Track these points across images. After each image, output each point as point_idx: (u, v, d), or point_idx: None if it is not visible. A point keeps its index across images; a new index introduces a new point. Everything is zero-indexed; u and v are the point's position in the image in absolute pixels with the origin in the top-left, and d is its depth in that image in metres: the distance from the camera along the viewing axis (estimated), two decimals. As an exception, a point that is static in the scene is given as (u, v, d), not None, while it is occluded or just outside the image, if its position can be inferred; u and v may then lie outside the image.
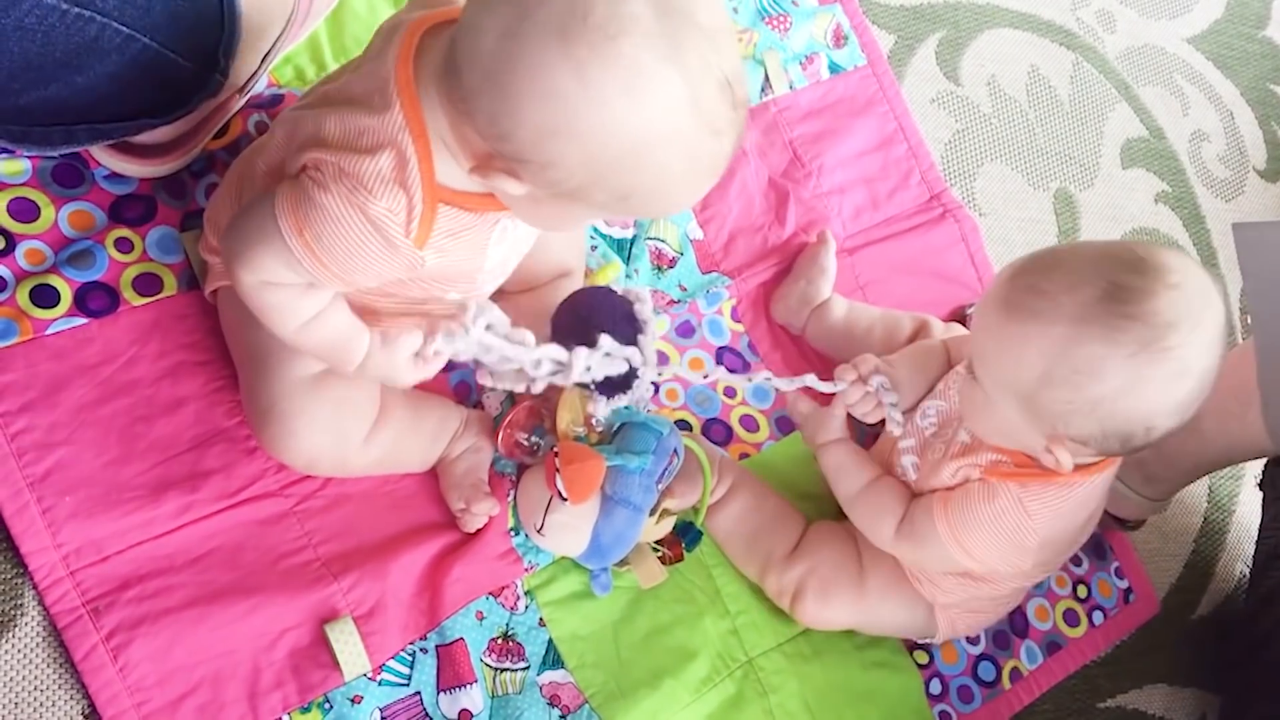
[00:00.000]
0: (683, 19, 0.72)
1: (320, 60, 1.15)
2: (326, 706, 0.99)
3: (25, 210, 1.01)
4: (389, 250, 0.81)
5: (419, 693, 1.03)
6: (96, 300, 1.01)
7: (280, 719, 0.98)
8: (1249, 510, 1.51)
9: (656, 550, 1.12)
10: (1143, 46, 1.73)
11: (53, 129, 0.94)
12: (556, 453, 1.03)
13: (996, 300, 0.95)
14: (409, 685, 1.03)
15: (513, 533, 1.10)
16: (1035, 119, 1.59)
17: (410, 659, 1.04)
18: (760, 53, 1.37)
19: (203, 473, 1.00)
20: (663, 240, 1.26)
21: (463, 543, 1.08)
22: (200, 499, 1.00)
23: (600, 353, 0.94)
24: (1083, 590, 1.34)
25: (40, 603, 0.94)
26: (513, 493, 1.10)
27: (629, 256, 1.24)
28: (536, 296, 1.10)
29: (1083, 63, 1.66)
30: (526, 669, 1.08)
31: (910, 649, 1.23)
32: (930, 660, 1.23)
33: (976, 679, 1.25)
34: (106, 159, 1.03)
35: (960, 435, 1.06)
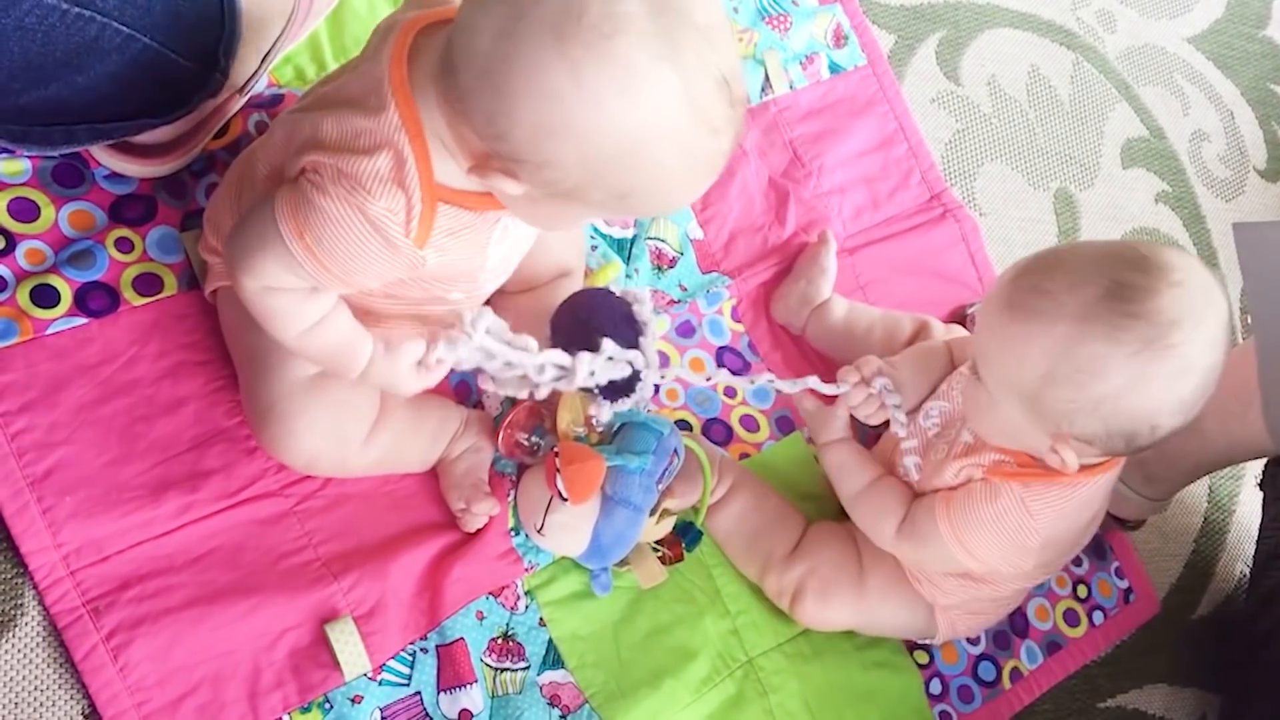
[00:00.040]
0: (678, 17, 0.71)
1: (320, 60, 1.15)
2: (327, 706, 0.99)
3: (25, 210, 1.01)
4: (389, 250, 0.81)
5: (419, 693, 1.03)
6: (97, 300, 1.01)
7: (280, 719, 0.98)
8: (1249, 510, 1.51)
9: (656, 550, 1.12)
10: (1143, 46, 1.73)
11: (53, 129, 0.94)
12: (557, 453, 1.03)
13: (999, 300, 0.95)
14: (409, 685, 1.03)
15: (513, 533, 1.09)
16: (1035, 119, 1.59)
17: (410, 659, 1.04)
18: (760, 52, 1.37)
19: (203, 473, 1.00)
20: (663, 240, 1.26)
21: (463, 543, 1.08)
22: (200, 499, 1.00)
23: (603, 357, 0.94)
24: (1083, 590, 1.34)
25: (40, 602, 0.94)
26: (513, 493, 1.10)
27: (629, 256, 1.24)
28: (536, 297, 1.10)
29: (1083, 62, 1.66)
30: (527, 669, 1.08)
31: (910, 649, 1.23)
32: (930, 660, 1.23)
33: (977, 679, 1.25)
34: (107, 159, 1.03)
35: (963, 436, 1.06)
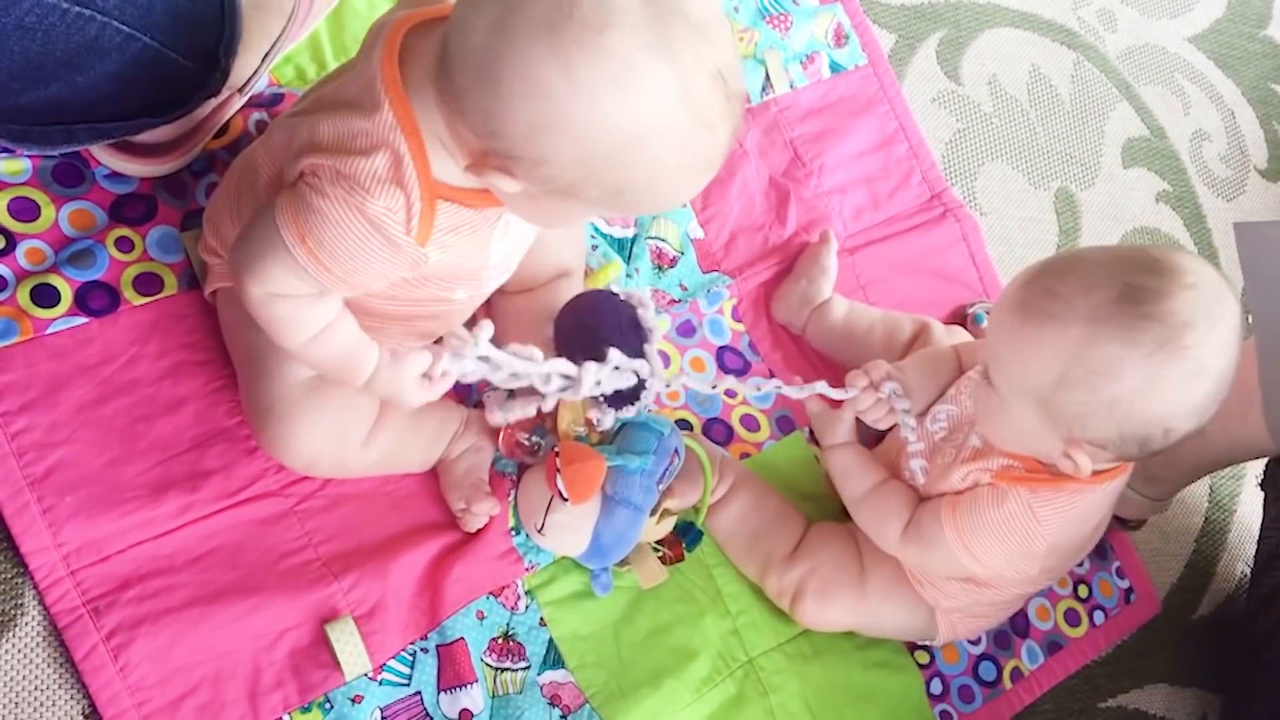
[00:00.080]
0: (671, 11, 0.71)
1: (321, 59, 1.15)
2: (327, 706, 0.99)
3: (25, 209, 1.01)
4: (391, 249, 0.80)
5: (419, 692, 1.03)
6: (97, 300, 1.01)
7: (281, 719, 0.98)
8: (1250, 510, 1.51)
9: (657, 550, 1.12)
10: (1144, 46, 1.73)
11: (53, 128, 0.94)
12: (557, 453, 1.03)
13: (1011, 304, 0.95)
14: (409, 685, 1.03)
15: (513, 532, 1.09)
16: (1036, 118, 1.59)
17: (411, 659, 1.04)
18: (761, 52, 1.37)
19: (203, 472, 1.00)
20: (663, 239, 1.26)
21: (463, 542, 1.08)
22: (200, 499, 1.00)
23: (609, 367, 0.94)
24: (1084, 590, 1.34)
25: (40, 602, 0.94)
26: (513, 492, 1.10)
27: (630, 256, 1.24)
28: (536, 297, 1.10)
29: (1084, 62, 1.66)
30: (527, 669, 1.07)
31: (911, 649, 1.23)
32: (931, 660, 1.23)
33: (977, 679, 1.25)
34: (107, 158, 1.03)
35: (971, 440, 1.06)
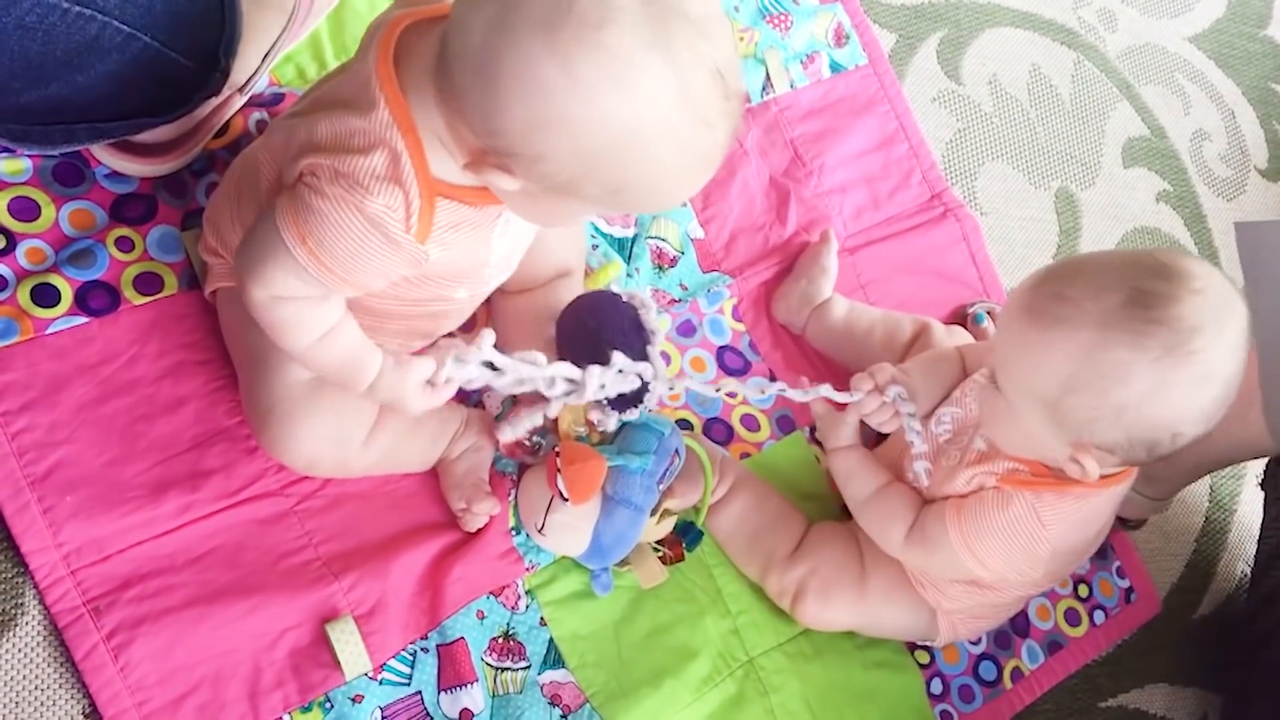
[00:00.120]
0: (670, 8, 0.71)
1: (321, 59, 1.15)
2: (327, 706, 0.99)
3: (26, 209, 1.01)
4: (391, 247, 0.80)
5: (420, 692, 1.03)
6: (97, 299, 1.01)
7: (281, 718, 0.98)
8: (1250, 510, 1.51)
9: (657, 550, 1.12)
10: (1144, 45, 1.73)
11: (53, 128, 0.94)
12: (558, 453, 1.03)
13: (1019, 308, 0.95)
14: (410, 685, 1.03)
15: (514, 532, 1.09)
16: (1036, 118, 1.59)
17: (411, 658, 1.04)
18: (761, 51, 1.37)
19: (203, 472, 1.00)
20: (664, 239, 1.26)
21: (463, 542, 1.08)
22: (201, 498, 1.00)
23: (614, 370, 0.94)
24: (1084, 590, 1.34)
25: (41, 602, 0.94)
26: (514, 492, 1.10)
27: (630, 255, 1.24)
28: (536, 297, 1.10)
29: (1084, 62, 1.66)
30: (527, 668, 1.07)
31: (911, 649, 1.23)
32: (931, 660, 1.23)
33: (978, 678, 1.25)
34: (107, 158, 1.03)
35: (976, 443, 1.06)
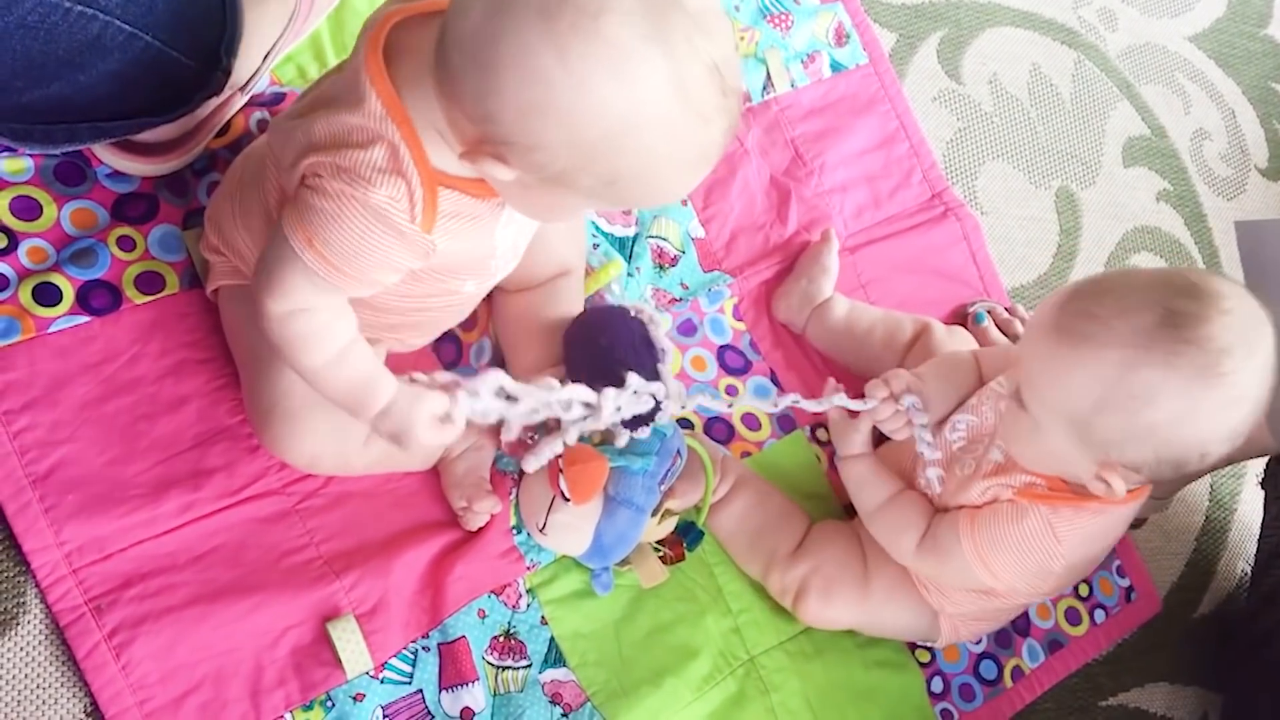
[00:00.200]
0: (669, 1, 0.71)
1: (322, 58, 1.15)
2: (329, 704, 0.99)
3: (27, 208, 1.01)
4: (398, 238, 0.80)
5: (421, 690, 1.03)
6: (99, 298, 1.01)
7: (282, 717, 0.98)
8: (1251, 509, 1.51)
9: (658, 550, 1.12)
10: (1144, 45, 1.73)
11: (55, 127, 0.94)
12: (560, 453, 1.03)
13: (1046, 326, 0.94)
14: (411, 683, 1.03)
15: (515, 531, 1.09)
16: (1037, 117, 1.59)
17: (412, 657, 1.04)
18: (762, 51, 1.37)
19: (205, 471, 1.00)
20: (664, 238, 1.26)
21: (465, 541, 1.08)
22: (202, 497, 1.00)
23: (629, 392, 0.94)
24: (1084, 589, 1.33)
25: (43, 601, 0.94)
26: (515, 491, 1.10)
27: (631, 255, 1.24)
28: (536, 296, 1.10)
29: (1084, 61, 1.66)
30: (528, 667, 1.08)
31: (912, 648, 1.23)
32: (932, 658, 1.23)
33: (978, 677, 1.25)
34: (108, 157, 1.03)
35: (992, 454, 1.05)
